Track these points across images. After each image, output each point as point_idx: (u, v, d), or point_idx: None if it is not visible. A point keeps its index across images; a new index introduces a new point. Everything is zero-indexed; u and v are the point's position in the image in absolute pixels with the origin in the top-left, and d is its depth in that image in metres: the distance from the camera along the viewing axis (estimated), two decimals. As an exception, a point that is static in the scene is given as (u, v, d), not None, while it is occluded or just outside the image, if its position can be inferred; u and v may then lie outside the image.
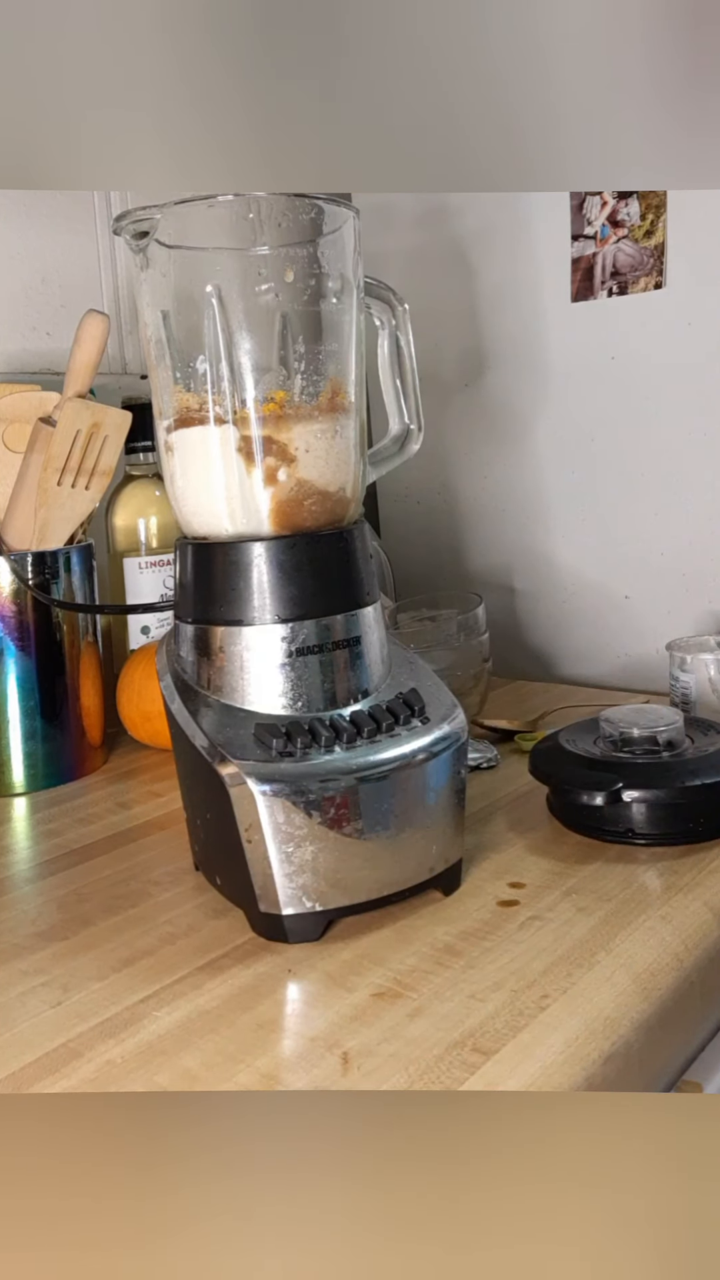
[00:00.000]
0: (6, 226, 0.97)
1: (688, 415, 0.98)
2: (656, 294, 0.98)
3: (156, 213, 0.55)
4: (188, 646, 0.59)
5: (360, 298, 0.60)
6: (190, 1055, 0.46)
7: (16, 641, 0.81)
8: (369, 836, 0.54)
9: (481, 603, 0.90)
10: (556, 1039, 0.45)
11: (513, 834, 0.66)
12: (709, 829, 0.63)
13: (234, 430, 0.56)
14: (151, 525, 0.95)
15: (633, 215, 0.98)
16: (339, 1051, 0.45)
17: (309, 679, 0.56)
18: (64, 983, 0.53)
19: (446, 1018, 0.47)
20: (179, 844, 0.69)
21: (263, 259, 0.56)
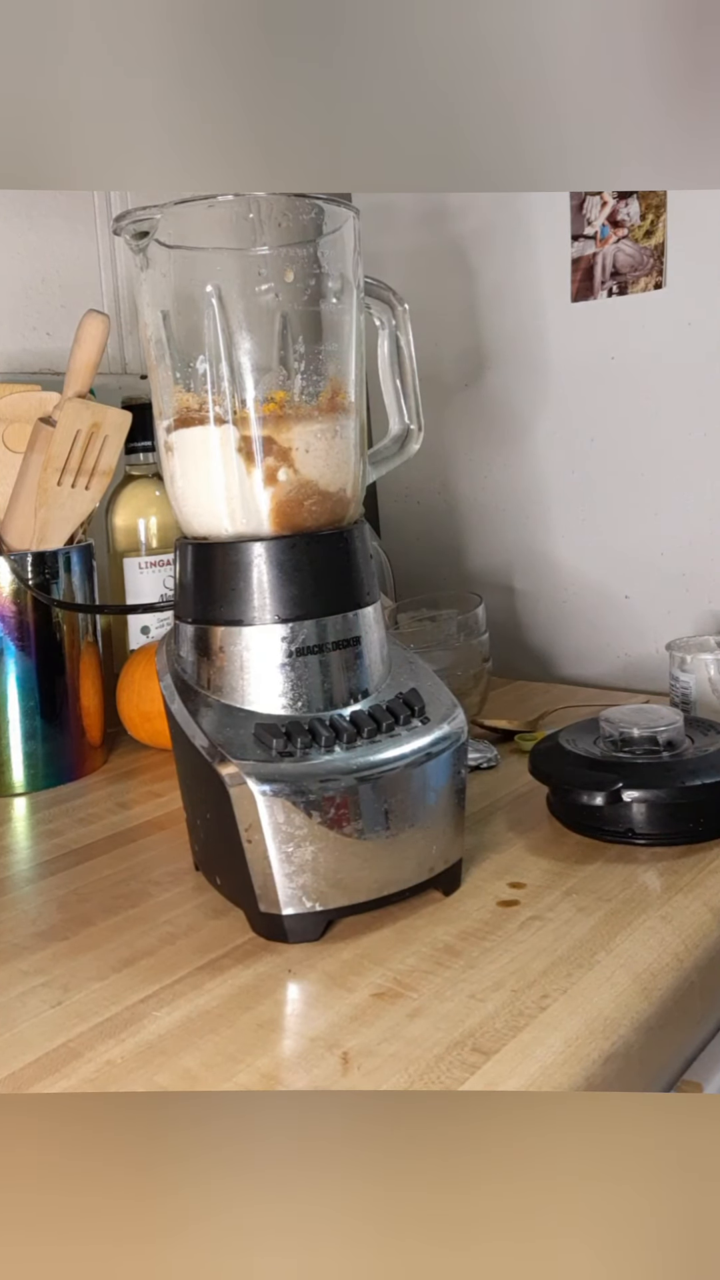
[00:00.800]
0: (6, 226, 0.97)
1: (688, 415, 0.98)
2: (656, 294, 0.98)
3: (156, 213, 0.55)
4: (188, 646, 0.59)
5: (360, 298, 0.60)
6: (190, 1055, 0.46)
7: (16, 641, 0.81)
8: (369, 836, 0.54)
9: (481, 603, 0.90)
10: (556, 1039, 0.45)
11: (513, 834, 0.66)
12: (709, 829, 0.63)
13: (234, 430, 0.56)
14: (151, 525, 0.95)
15: (633, 215, 0.98)
16: (339, 1051, 0.45)
17: (309, 679, 0.56)
18: (64, 983, 0.53)
19: (446, 1018, 0.47)
20: (179, 844, 0.69)
21: (263, 259, 0.56)
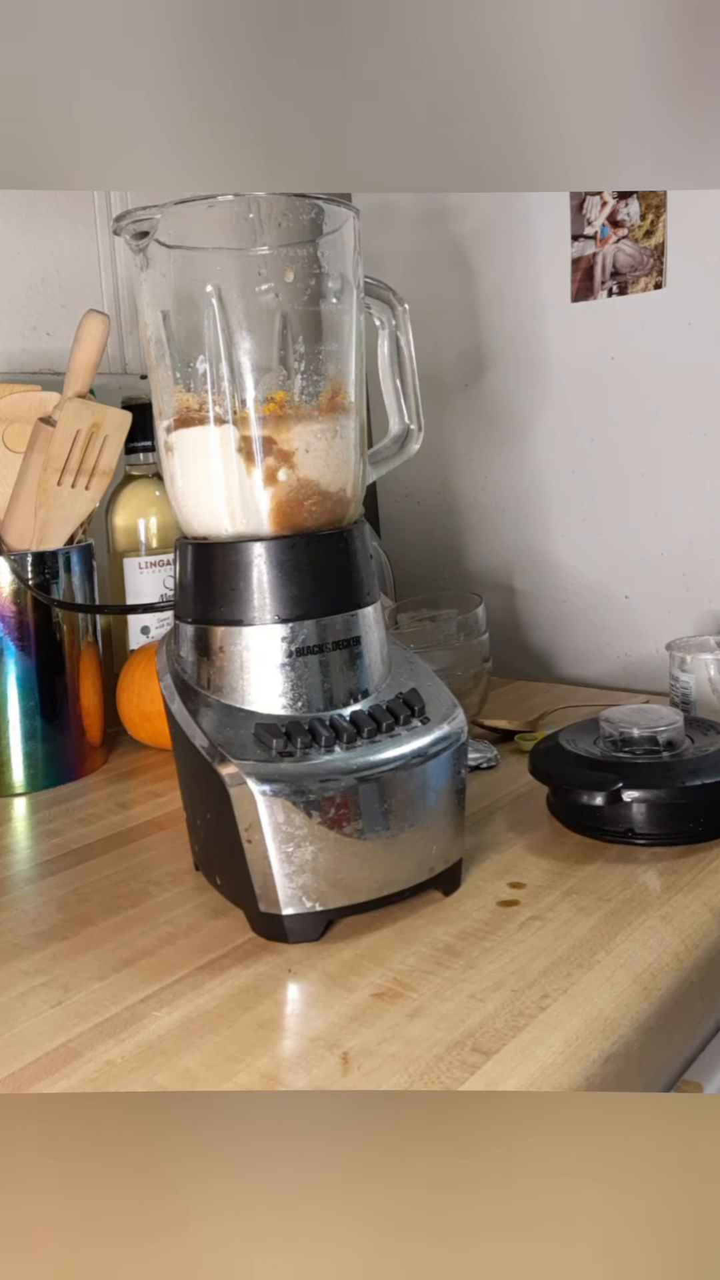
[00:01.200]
0: (6, 226, 0.97)
1: (688, 415, 0.98)
2: (656, 294, 0.98)
3: (156, 213, 0.55)
4: (188, 646, 0.59)
5: (360, 298, 0.60)
6: (190, 1055, 0.46)
7: (16, 641, 0.81)
8: (369, 836, 0.54)
9: (481, 603, 0.90)
10: (556, 1039, 0.45)
11: (513, 834, 0.66)
12: (709, 829, 0.63)
13: (234, 430, 0.56)
14: (151, 525, 0.95)
15: (633, 215, 0.98)
16: (339, 1051, 0.45)
17: (309, 679, 0.56)
18: (64, 983, 0.53)
19: (446, 1018, 0.47)
20: (179, 844, 0.69)
21: (263, 259, 0.56)
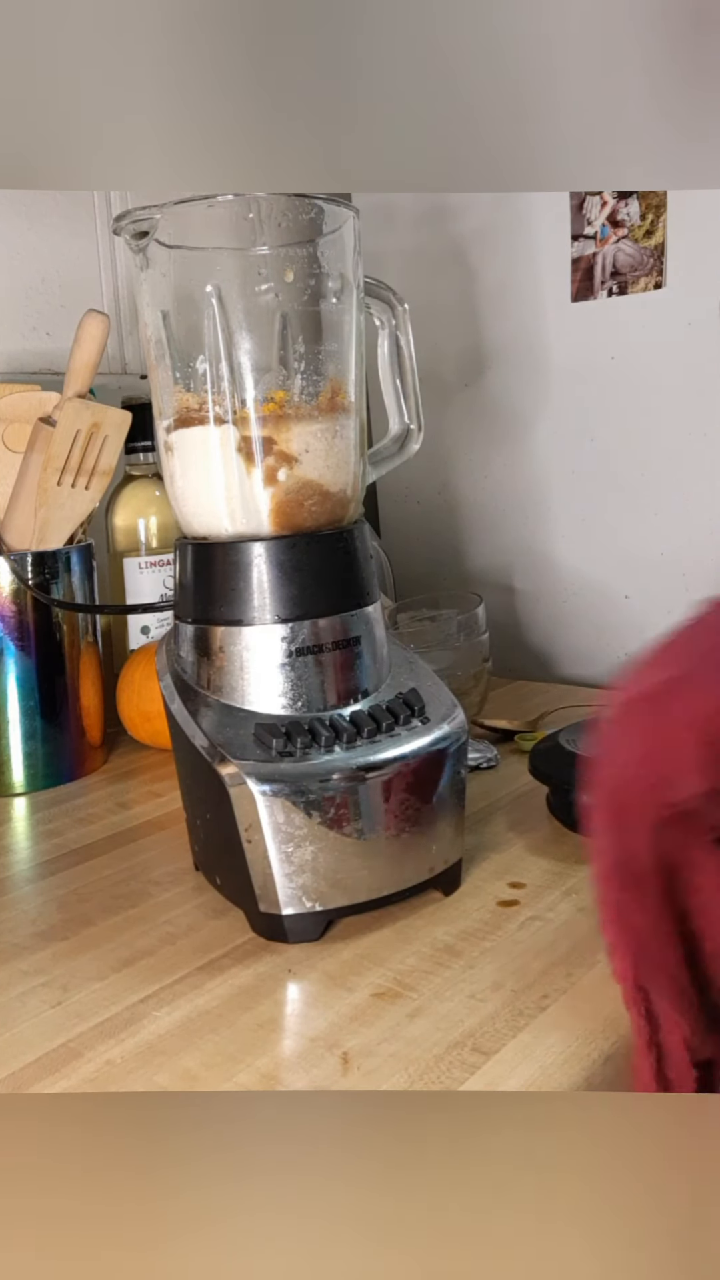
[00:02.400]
0: (6, 226, 0.97)
1: (688, 415, 0.98)
2: (656, 294, 0.98)
3: (156, 213, 0.55)
4: (188, 646, 0.59)
5: (360, 298, 0.60)
6: (190, 1055, 0.46)
7: (16, 641, 0.81)
8: (369, 836, 0.54)
9: (481, 603, 0.90)
10: (556, 1039, 0.45)
11: (513, 834, 0.66)
12: (709, 829, 0.63)
13: (234, 430, 0.56)
14: (151, 525, 0.95)
15: (633, 215, 0.98)
16: (339, 1051, 0.45)
17: (309, 679, 0.56)
18: (64, 983, 0.53)
19: (446, 1018, 0.47)
20: (179, 844, 0.69)
21: (263, 259, 0.56)
